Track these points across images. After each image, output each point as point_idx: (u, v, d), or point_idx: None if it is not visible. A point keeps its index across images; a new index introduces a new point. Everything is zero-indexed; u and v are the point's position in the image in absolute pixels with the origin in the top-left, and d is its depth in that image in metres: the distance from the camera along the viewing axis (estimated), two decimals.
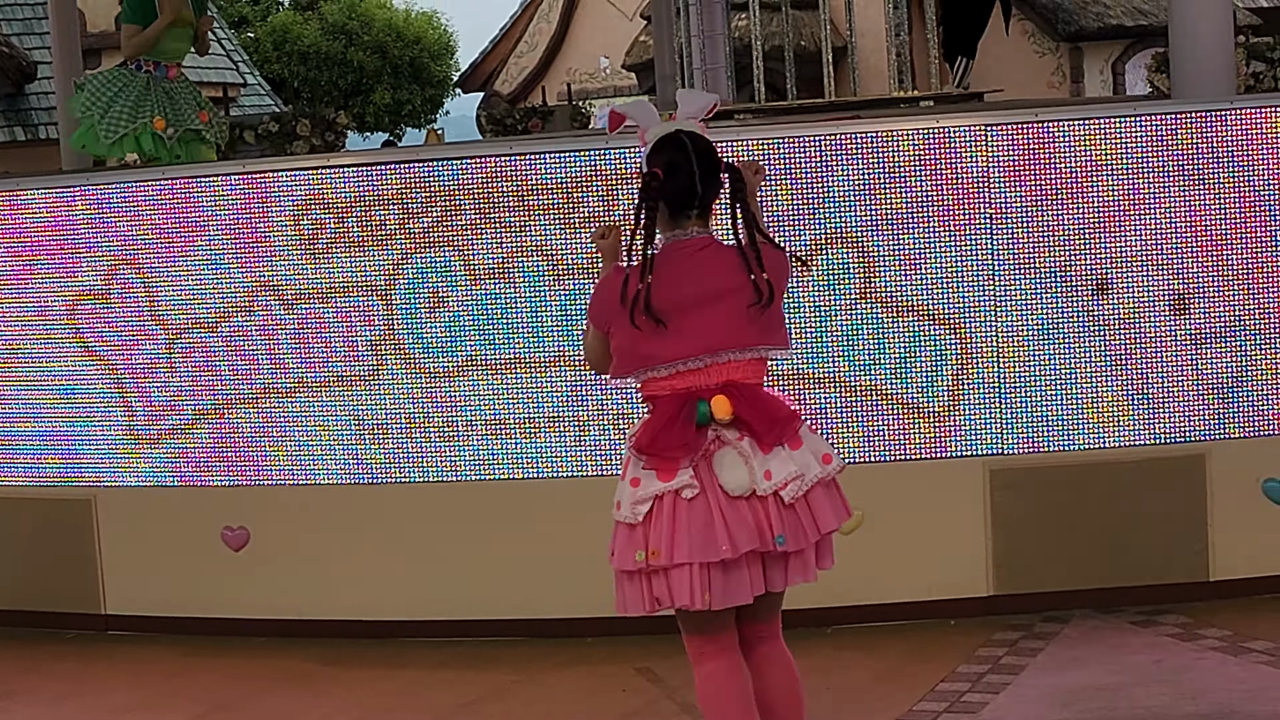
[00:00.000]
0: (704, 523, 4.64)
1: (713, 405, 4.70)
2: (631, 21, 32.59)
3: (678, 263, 4.75)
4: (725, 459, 4.69)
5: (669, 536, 4.66)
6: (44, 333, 7.62)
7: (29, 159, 28.47)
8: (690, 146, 4.78)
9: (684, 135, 4.81)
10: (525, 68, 35.43)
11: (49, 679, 7.17)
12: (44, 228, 7.61)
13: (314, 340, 7.25)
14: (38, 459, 7.68)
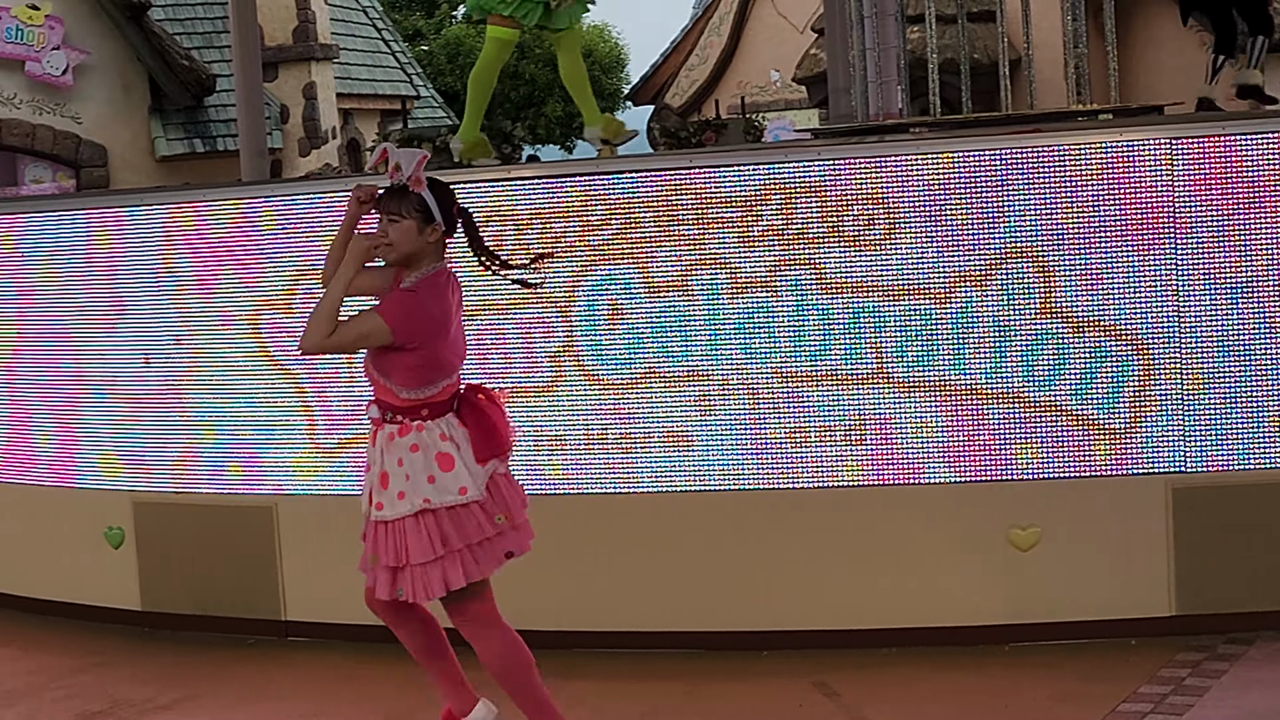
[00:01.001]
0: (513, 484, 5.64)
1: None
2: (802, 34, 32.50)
3: (449, 285, 5.58)
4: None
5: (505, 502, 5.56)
6: (228, 340, 7.74)
7: (207, 170, 28.97)
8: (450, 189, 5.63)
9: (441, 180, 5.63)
10: (696, 81, 35.46)
11: (229, 683, 7.27)
12: (229, 236, 7.73)
13: (493, 350, 7.29)
14: (221, 466, 7.80)
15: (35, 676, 7.45)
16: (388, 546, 5.57)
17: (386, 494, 5.54)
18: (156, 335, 7.88)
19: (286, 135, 31.51)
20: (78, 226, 8.10)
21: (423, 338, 5.42)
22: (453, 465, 5.49)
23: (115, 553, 8.12)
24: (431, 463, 5.49)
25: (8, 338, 8.33)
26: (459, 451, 5.51)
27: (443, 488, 5.48)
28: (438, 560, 5.50)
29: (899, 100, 15.37)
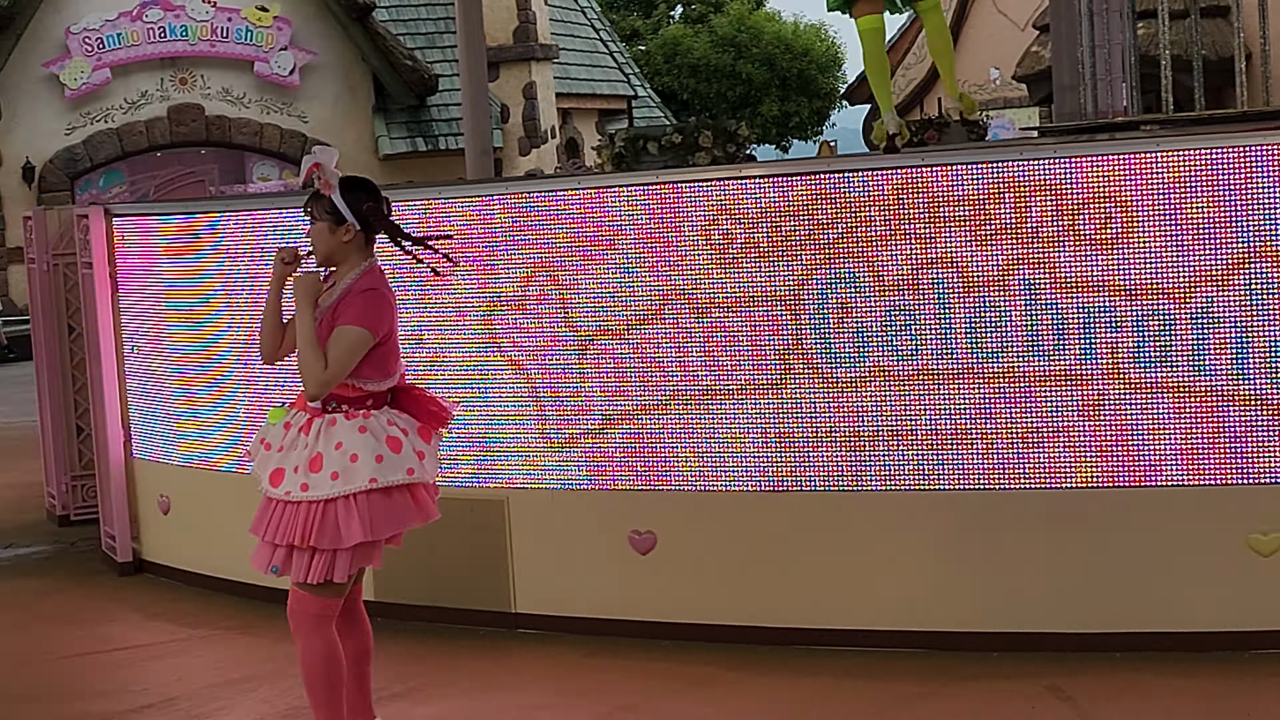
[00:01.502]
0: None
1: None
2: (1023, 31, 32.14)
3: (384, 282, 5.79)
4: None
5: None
6: (463, 336, 7.85)
7: (429, 169, 29.42)
8: (373, 185, 5.83)
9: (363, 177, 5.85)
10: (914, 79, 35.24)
11: (461, 673, 7.37)
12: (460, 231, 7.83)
13: (722, 349, 7.32)
14: (455, 460, 7.91)
15: (276, 663, 7.62)
16: (294, 525, 5.70)
17: (317, 476, 5.68)
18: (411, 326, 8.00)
19: (507, 134, 31.88)
20: None
21: (389, 328, 5.74)
22: (400, 448, 5.74)
23: None
24: (381, 444, 5.71)
25: (247, 337, 8.52)
26: (406, 437, 5.78)
27: (391, 466, 5.70)
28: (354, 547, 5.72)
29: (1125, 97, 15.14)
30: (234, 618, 8.44)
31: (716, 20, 45.98)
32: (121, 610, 8.88)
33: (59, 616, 8.83)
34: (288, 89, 30.84)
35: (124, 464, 9.49)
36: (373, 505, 5.69)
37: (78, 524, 10.74)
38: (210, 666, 7.71)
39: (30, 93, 29.60)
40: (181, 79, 30.39)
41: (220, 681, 7.42)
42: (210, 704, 7.07)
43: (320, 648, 5.77)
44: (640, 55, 44.36)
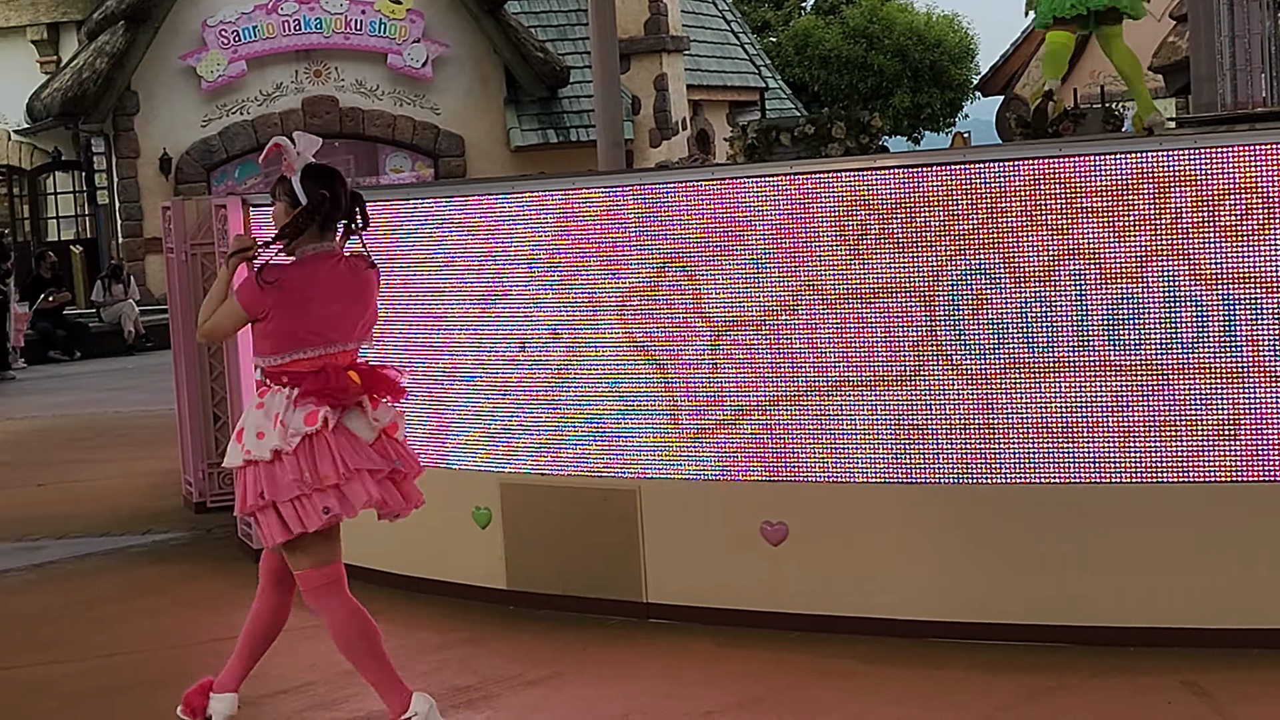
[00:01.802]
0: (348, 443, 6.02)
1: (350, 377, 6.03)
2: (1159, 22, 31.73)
3: (321, 267, 6.02)
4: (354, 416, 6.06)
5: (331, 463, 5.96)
6: (596, 327, 7.88)
7: (560, 160, 29.53)
8: (339, 179, 6.09)
9: (334, 169, 6.14)
10: None
11: (592, 662, 7.40)
12: (594, 224, 7.86)
13: (855, 340, 7.30)
14: (587, 449, 7.94)
15: (408, 651, 7.67)
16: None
17: (231, 446, 6.15)
18: (530, 320, 8.06)
19: (638, 126, 31.93)
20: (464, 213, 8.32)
21: (269, 307, 5.95)
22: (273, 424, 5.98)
23: (482, 532, 8.33)
24: (264, 421, 6.02)
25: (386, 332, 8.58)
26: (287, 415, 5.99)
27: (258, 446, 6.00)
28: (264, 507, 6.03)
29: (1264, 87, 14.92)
30: (367, 604, 8.34)
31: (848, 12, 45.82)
32: None
33: (195, 602, 8.95)
34: (420, 81, 31.05)
35: None
36: (264, 475, 6.02)
37: (214, 511, 10.88)
38: None
39: (167, 85, 30.00)
40: (316, 71, 30.68)
41: (352, 668, 7.47)
42: (343, 690, 7.13)
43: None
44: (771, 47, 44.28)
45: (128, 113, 29.80)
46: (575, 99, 31.65)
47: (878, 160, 7.40)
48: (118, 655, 7.96)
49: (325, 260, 6.07)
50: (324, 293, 6.03)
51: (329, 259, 6.08)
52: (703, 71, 35.35)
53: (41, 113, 30.96)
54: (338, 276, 6.07)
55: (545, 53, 31.36)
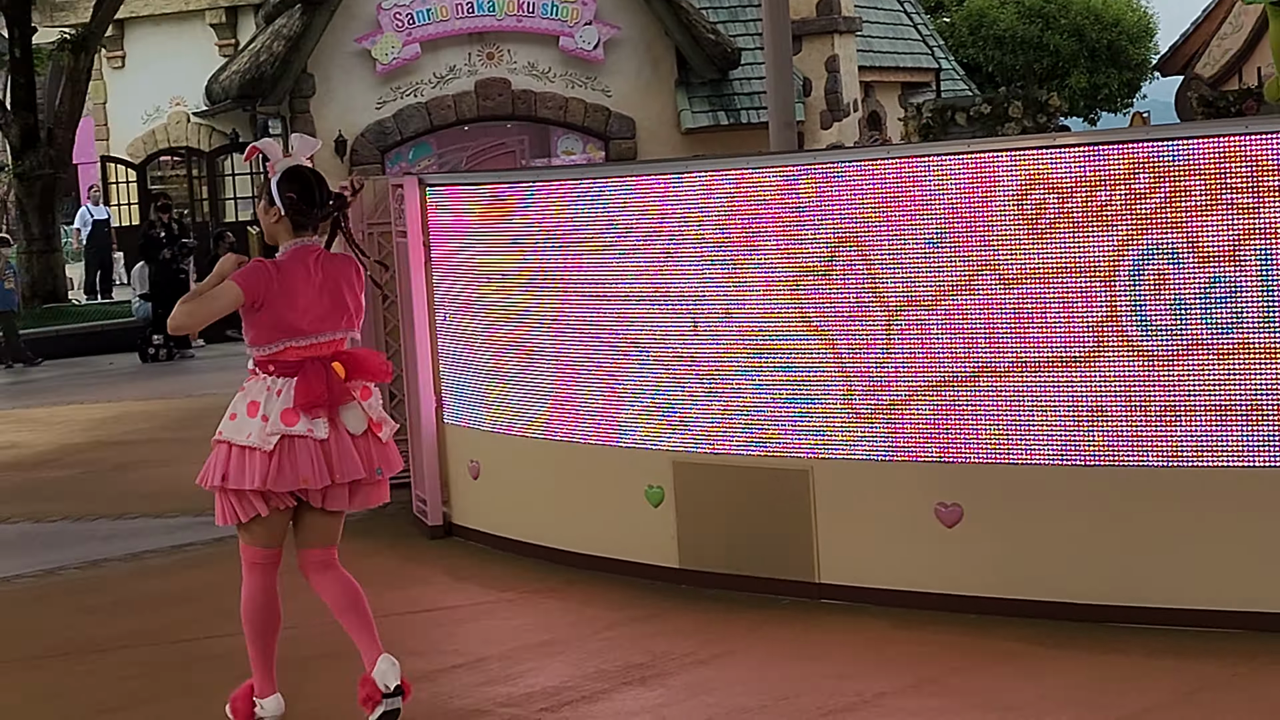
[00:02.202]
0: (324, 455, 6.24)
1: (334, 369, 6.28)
2: None
3: (301, 263, 6.31)
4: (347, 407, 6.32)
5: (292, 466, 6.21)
6: (769, 306, 7.87)
7: (731, 142, 29.48)
8: (313, 179, 6.39)
9: (308, 170, 6.42)
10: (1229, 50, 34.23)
11: (764, 641, 7.40)
12: (764, 204, 7.85)
13: (1032, 321, 7.22)
14: (760, 429, 7.94)
15: (581, 628, 7.74)
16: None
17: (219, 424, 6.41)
18: (702, 299, 8.06)
19: (809, 108, 31.81)
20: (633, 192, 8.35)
21: (264, 296, 6.24)
22: (254, 413, 6.27)
23: (655, 511, 8.36)
24: (240, 405, 6.32)
25: (557, 303, 8.66)
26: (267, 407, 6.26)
27: (235, 429, 6.28)
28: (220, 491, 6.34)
29: None
30: (541, 581, 8.58)
31: None
32: (432, 572, 9.09)
33: (372, 577, 9.00)
34: (592, 63, 31.13)
35: (435, 429, 9.71)
36: (232, 458, 6.29)
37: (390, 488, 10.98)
38: (518, 629, 7.85)
39: (343, 67, 30.34)
40: (489, 54, 30.86)
41: (528, 644, 7.55)
42: (518, 665, 7.20)
43: (256, 594, 6.47)
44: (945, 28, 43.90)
45: (304, 95, 30.18)
46: (746, 81, 31.57)
47: (1057, 139, 7.30)
48: (299, 627, 8.06)
49: (304, 255, 6.38)
50: (303, 286, 6.32)
51: (308, 254, 6.38)
52: (875, 53, 35.10)
53: (220, 95, 31.46)
54: (317, 270, 6.36)
55: (717, 34, 31.31)
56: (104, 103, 35.41)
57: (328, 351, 6.37)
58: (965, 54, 43.16)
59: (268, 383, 6.31)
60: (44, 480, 12.48)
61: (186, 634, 7.97)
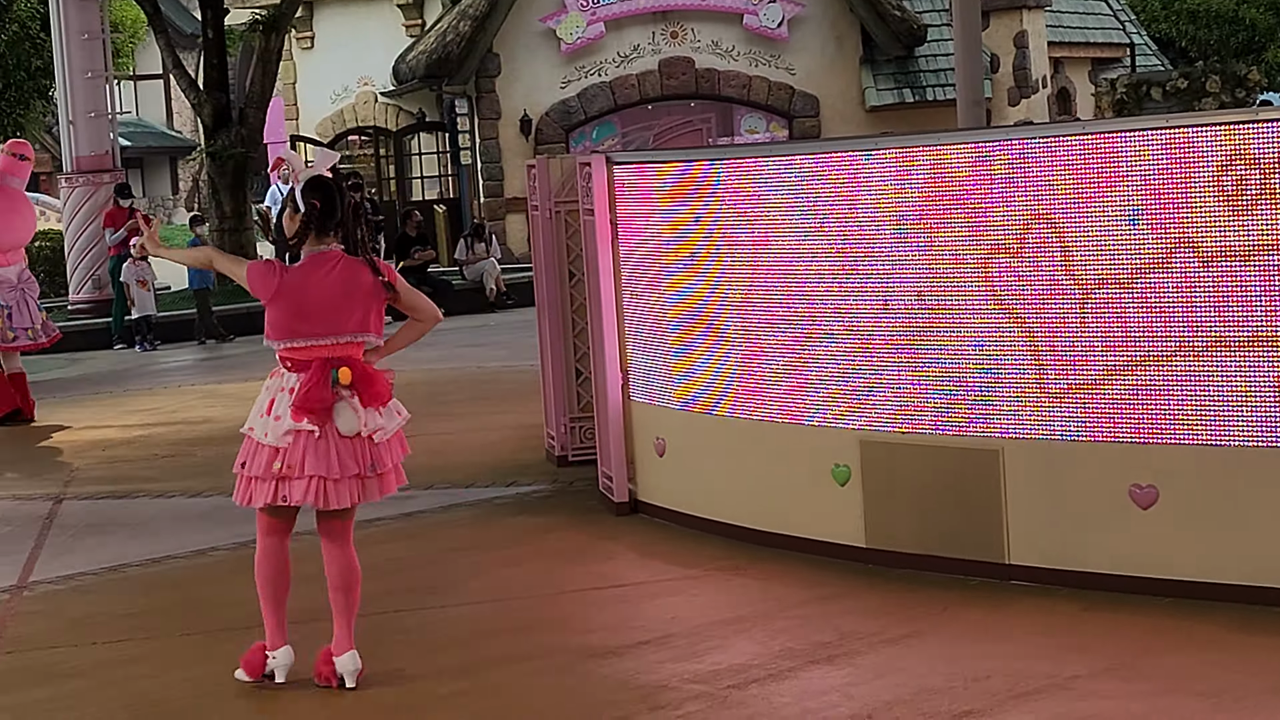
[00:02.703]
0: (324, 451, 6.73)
1: (340, 373, 6.74)
2: None
3: (319, 267, 6.80)
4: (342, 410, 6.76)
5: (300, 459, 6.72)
6: (957, 284, 7.78)
7: (916, 120, 29.26)
8: (335, 189, 6.83)
9: (331, 180, 6.86)
10: None
11: (953, 622, 7.33)
12: (957, 181, 7.76)
13: (1232, 299, 7.07)
14: (947, 408, 7.86)
15: (767, 605, 7.72)
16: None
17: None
18: (893, 296, 8.00)
19: (996, 84, 31.46)
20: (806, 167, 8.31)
21: (267, 296, 6.79)
22: (267, 411, 6.81)
23: (841, 490, 8.31)
24: (262, 401, 6.86)
25: (743, 280, 8.63)
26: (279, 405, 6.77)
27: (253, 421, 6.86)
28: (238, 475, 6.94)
29: None
30: (726, 559, 8.57)
31: None
32: (618, 549, 9.12)
33: (559, 553, 9.12)
34: (776, 41, 31.05)
35: (622, 407, 9.73)
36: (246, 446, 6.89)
37: (575, 465, 11.06)
38: (704, 606, 7.85)
39: (528, 47, 30.54)
40: (673, 32, 30.89)
41: (714, 620, 7.55)
42: (704, 642, 7.20)
43: (260, 554, 7.03)
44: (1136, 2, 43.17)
45: (489, 74, 30.42)
46: (932, 58, 31.32)
47: (1260, 114, 7.13)
48: (484, 603, 8.16)
49: (324, 261, 6.82)
50: (318, 290, 6.77)
51: (328, 260, 6.82)
52: (1064, 28, 34.62)
53: (407, 75, 31.80)
54: (334, 276, 6.79)
55: (902, 11, 31.08)
56: (293, 83, 35.92)
57: (339, 354, 6.79)
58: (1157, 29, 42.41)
59: (282, 380, 6.81)
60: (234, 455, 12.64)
61: (376, 608, 8.04)
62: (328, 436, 6.75)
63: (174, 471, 12.43)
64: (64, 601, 8.77)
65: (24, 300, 15.84)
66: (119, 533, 10.38)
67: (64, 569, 9.44)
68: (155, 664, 7.45)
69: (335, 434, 6.77)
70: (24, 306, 15.82)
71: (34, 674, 7.41)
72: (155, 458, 13.22)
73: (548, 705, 6.59)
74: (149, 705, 6.92)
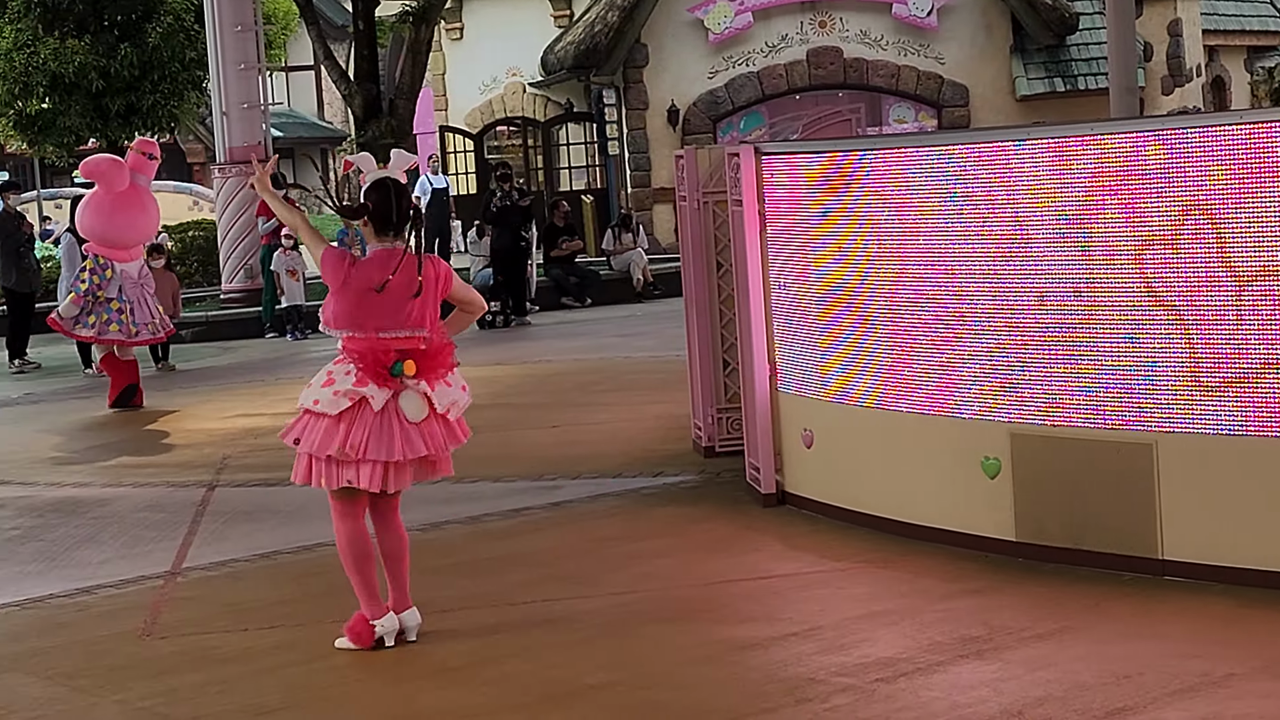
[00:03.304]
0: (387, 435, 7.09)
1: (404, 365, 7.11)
2: None
3: (384, 263, 7.14)
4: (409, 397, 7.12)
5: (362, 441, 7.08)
6: (1111, 274, 7.68)
7: (1067, 109, 28.97)
8: (393, 190, 7.23)
9: (391, 181, 7.27)
10: None
11: (1105, 618, 7.24)
12: (1113, 171, 7.66)
13: None
14: (1100, 402, 7.77)
15: (915, 599, 7.67)
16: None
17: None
18: (1036, 266, 7.91)
19: (1149, 73, 31.07)
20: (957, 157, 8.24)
21: (331, 283, 7.16)
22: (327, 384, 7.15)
23: (991, 483, 8.23)
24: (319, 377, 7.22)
25: (893, 274, 8.58)
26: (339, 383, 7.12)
27: (307, 395, 7.21)
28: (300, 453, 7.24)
29: None
30: (875, 551, 8.53)
31: None
32: (765, 540, 9.10)
33: (706, 544, 9.11)
34: (925, 30, 30.85)
35: (769, 398, 9.70)
36: (308, 425, 7.19)
37: (722, 455, 11.04)
38: (852, 598, 7.81)
39: (676, 37, 30.55)
40: (821, 22, 30.79)
41: (862, 613, 7.51)
42: (852, 635, 7.17)
43: (340, 536, 7.32)
44: None
45: (637, 65, 30.48)
46: (1084, 46, 30.97)
47: None
48: (632, 593, 8.18)
49: (386, 258, 7.17)
50: (377, 284, 7.08)
51: (391, 257, 7.17)
52: (1219, 16, 34.12)
53: (555, 66, 31.92)
54: (397, 272, 7.09)
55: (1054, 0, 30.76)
56: (443, 74, 36.18)
57: (393, 347, 7.13)
58: None
59: (346, 367, 7.15)
60: None
61: (524, 597, 8.10)
62: (390, 419, 7.10)
63: None
64: (217, 587, 8.90)
65: (143, 296, 16.36)
66: (270, 520, 10.51)
67: (217, 555, 9.58)
68: (306, 650, 7.53)
69: (399, 417, 7.11)
70: (144, 302, 16.36)
71: (188, 659, 7.52)
72: None
73: (696, 697, 6.58)
74: (300, 691, 7.00)
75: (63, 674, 7.42)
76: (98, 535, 10.37)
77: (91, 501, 11.54)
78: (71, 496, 11.82)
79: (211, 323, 24.35)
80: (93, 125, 28.25)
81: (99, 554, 9.84)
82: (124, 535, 10.31)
